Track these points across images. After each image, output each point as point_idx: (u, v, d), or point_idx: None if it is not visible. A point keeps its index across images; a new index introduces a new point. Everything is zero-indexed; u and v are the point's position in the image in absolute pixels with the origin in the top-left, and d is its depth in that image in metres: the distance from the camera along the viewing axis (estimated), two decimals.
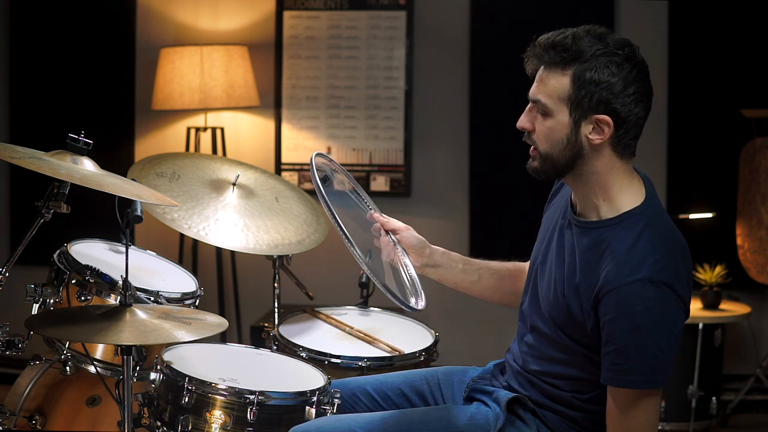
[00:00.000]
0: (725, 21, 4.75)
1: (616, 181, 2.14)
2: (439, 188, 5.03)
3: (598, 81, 2.03)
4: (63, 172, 2.25)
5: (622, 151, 2.13)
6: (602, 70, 2.03)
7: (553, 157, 2.10)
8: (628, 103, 2.06)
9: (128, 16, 5.08)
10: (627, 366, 2.00)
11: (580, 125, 2.07)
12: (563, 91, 2.06)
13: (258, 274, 4.75)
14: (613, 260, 2.04)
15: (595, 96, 2.04)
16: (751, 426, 4.62)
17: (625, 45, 2.07)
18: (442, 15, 4.97)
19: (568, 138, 2.08)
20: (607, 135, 2.08)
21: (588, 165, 2.11)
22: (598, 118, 2.06)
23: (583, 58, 2.04)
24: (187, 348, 2.49)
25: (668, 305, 2.01)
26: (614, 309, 2.00)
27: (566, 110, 2.07)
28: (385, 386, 2.46)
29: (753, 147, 4.53)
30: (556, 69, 2.07)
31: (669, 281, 2.02)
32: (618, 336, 2.00)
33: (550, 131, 2.09)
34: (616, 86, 2.04)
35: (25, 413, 2.69)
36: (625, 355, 2.00)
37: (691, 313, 4.31)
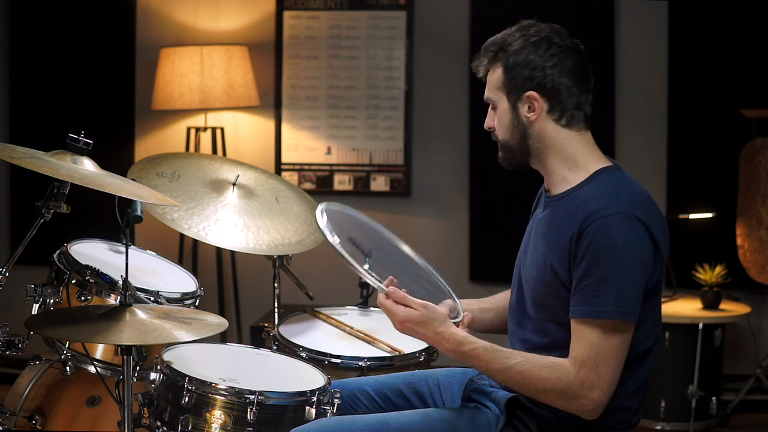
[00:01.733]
0: (725, 21, 4.75)
1: (575, 150, 2.26)
2: (439, 188, 5.03)
3: (520, 62, 2.22)
4: (63, 172, 2.25)
5: (566, 121, 2.25)
6: (521, 52, 2.23)
7: (509, 143, 2.29)
8: (550, 74, 2.21)
9: (128, 16, 5.08)
10: (604, 298, 2.06)
11: (517, 107, 2.25)
12: (499, 81, 2.27)
13: (258, 274, 4.76)
14: (594, 199, 2.15)
15: (520, 76, 2.22)
16: (751, 426, 4.62)
17: (545, 28, 2.28)
18: (442, 15, 4.97)
19: (512, 121, 2.26)
20: (541, 109, 2.23)
21: (540, 142, 2.25)
22: (528, 96, 2.23)
23: (507, 48, 2.25)
24: (187, 348, 2.49)
25: (645, 243, 2.10)
26: (595, 240, 2.09)
27: (504, 97, 2.26)
28: (385, 387, 2.47)
29: (753, 147, 4.53)
30: (492, 65, 2.28)
31: (646, 221, 2.11)
32: (597, 267, 2.08)
33: (499, 121, 2.29)
34: (534, 62, 2.21)
35: (25, 413, 2.69)
36: (604, 287, 2.07)
37: (691, 313, 4.36)
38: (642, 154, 4.91)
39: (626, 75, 4.87)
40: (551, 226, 2.22)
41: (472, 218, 4.95)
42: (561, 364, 2.11)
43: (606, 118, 4.87)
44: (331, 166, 5.03)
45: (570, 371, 2.10)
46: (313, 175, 5.04)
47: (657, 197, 4.85)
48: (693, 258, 4.61)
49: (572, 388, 2.09)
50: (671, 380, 4.36)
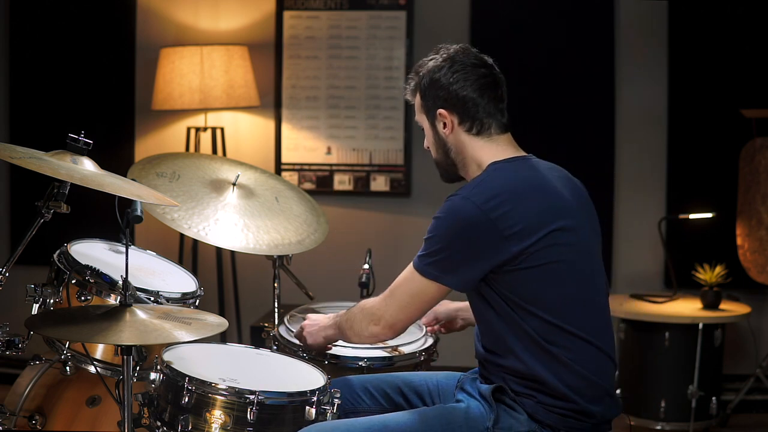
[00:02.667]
0: (725, 21, 4.75)
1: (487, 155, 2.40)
2: (439, 188, 4.98)
3: (430, 83, 2.40)
4: (63, 172, 2.25)
5: (476, 130, 2.39)
6: (429, 74, 2.41)
7: (437, 160, 2.49)
8: (454, 90, 2.37)
9: (128, 16, 5.09)
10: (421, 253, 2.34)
11: (435, 125, 2.43)
12: (419, 104, 2.46)
13: (258, 274, 4.76)
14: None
15: (431, 96, 2.41)
16: (751, 426, 4.62)
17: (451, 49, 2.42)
18: (442, 15, 4.97)
19: (435, 139, 2.45)
20: (452, 123, 2.40)
21: (459, 153, 2.42)
22: (439, 113, 2.40)
23: (420, 73, 2.44)
24: (187, 348, 2.49)
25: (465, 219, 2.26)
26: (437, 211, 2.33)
27: (425, 118, 2.46)
28: (386, 384, 2.52)
29: (753, 147, 4.53)
30: (415, 91, 2.47)
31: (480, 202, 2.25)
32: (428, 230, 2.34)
33: (427, 141, 2.49)
34: (440, 82, 2.38)
35: (25, 413, 2.69)
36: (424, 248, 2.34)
37: (691, 313, 4.36)
38: (642, 154, 4.91)
39: (626, 75, 4.87)
40: None
41: None
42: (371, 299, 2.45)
43: (606, 118, 4.87)
44: (331, 166, 5.03)
45: (375, 299, 2.42)
46: (313, 175, 5.04)
47: (657, 197, 4.90)
48: (693, 258, 4.61)
49: (371, 312, 2.40)
50: (671, 380, 4.35)
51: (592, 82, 4.85)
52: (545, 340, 2.24)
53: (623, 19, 4.86)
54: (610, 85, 4.87)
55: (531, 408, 2.25)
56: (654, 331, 4.35)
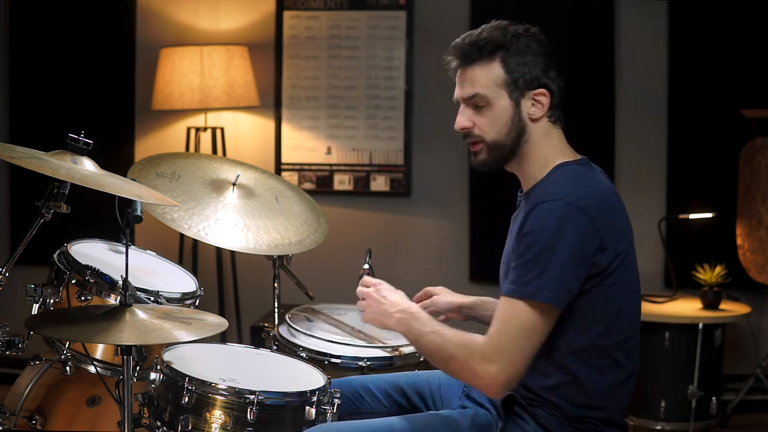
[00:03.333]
0: (725, 21, 4.75)
1: (551, 148, 2.27)
2: (439, 188, 5.03)
3: (525, 61, 2.23)
4: (63, 172, 2.25)
5: (554, 119, 2.28)
6: (525, 50, 2.24)
7: (501, 143, 2.24)
8: (552, 76, 2.26)
9: (128, 16, 5.08)
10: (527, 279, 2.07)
11: (521, 104, 2.24)
12: (498, 78, 2.23)
13: (258, 274, 4.76)
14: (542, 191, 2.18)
15: (528, 74, 2.23)
16: (751, 426, 4.62)
17: (529, 28, 2.30)
18: (442, 15, 4.97)
19: (512, 119, 2.23)
20: (546, 106, 2.25)
21: (529, 141, 2.25)
22: (535, 93, 2.24)
23: (504, 46, 2.24)
24: (187, 348, 2.49)
25: (579, 229, 2.10)
26: (532, 225, 2.10)
27: (505, 94, 2.23)
28: (388, 385, 2.50)
29: (753, 147, 4.53)
30: (483, 62, 2.25)
31: (586, 208, 2.11)
32: (527, 250, 2.09)
33: (493, 119, 2.24)
34: (540, 62, 2.24)
35: (25, 413, 2.69)
36: (528, 268, 2.08)
37: (691, 313, 4.36)
38: (642, 154, 4.91)
39: (626, 75, 4.87)
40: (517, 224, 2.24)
41: (472, 218, 4.95)
42: (472, 335, 2.14)
43: (606, 118, 4.87)
44: (331, 166, 5.03)
45: (477, 342, 2.11)
46: (313, 175, 5.04)
47: (657, 197, 4.90)
48: (693, 258, 4.61)
49: (475, 361, 2.09)
50: (671, 380, 4.35)
51: (592, 82, 4.85)
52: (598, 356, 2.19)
53: (623, 19, 4.86)
54: (610, 85, 4.86)
55: (543, 418, 2.21)
56: (654, 331, 4.35)
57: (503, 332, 2.09)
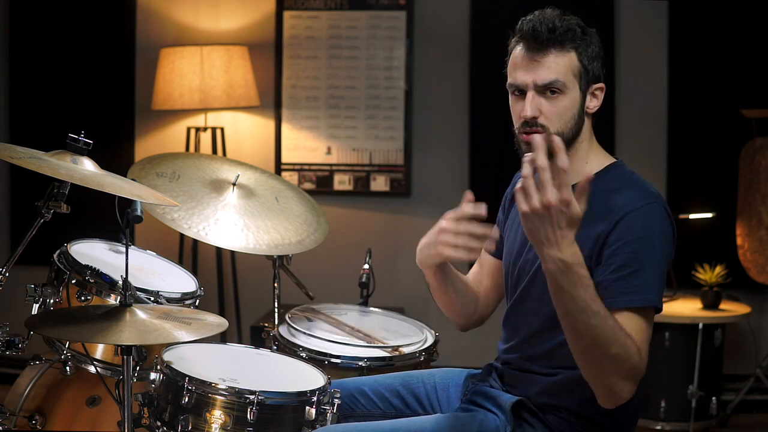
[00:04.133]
0: (725, 21, 4.75)
1: (593, 144, 2.27)
2: (439, 188, 5.03)
3: (595, 55, 2.20)
4: (63, 172, 2.25)
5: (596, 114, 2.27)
6: (596, 44, 2.21)
7: (566, 134, 2.17)
8: (601, 69, 2.23)
9: (128, 16, 5.09)
10: (647, 286, 2.03)
11: (586, 97, 2.21)
12: (575, 67, 2.17)
13: (258, 274, 4.76)
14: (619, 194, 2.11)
15: (596, 68, 2.20)
16: (751, 426, 4.62)
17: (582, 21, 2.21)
18: (442, 15, 4.97)
19: (578, 111, 2.19)
20: (600, 101, 2.23)
21: (581, 134, 2.23)
22: (597, 87, 2.22)
23: (578, 36, 2.17)
24: (187, 348, 2.49)
25: (671, 231, 2.13)
26: (633, 231, 2.05)
27: (577, 85, 2.18)
28: (383, 387, 2.48)
29: (753, 147, 4.53)
30: (561, 50, 2.16)
31: (670, 213, 2.14)
32: (637, 257, 2.04)
33: (564, 109, 2.17)
34: (601, 56, 2.22)
35: (25, 413, 2.69)
36: (645, 275, 2.03)
37: (691, 313, 4.36)
38: (642, 154, 4.90)
39: (626, 75, 4.87)
40: None
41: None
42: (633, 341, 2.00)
43: (606, 117, 4.87)
44: (331, 166, 5.03)
45: (637, 353, 2.00)
46: (313, 175, 5.04)
47: None
48: (693, 258, 4.61)
49: (635, 371, 2.00)
50: (671, 380, 4.35)
51: None
52: None
53: (623, 19, 4.86)
54: (611, 84, 4.86)
55: (556, 424, 2.20)
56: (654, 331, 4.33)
57: (646, 344, 2.03)
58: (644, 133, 4.90)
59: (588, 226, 2.04)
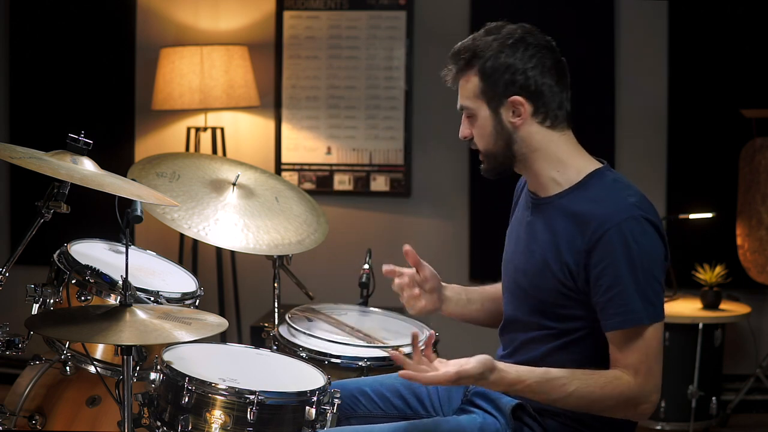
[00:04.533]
0: (725, 21, 4.75)
1: (561, 150, 2.21)
2: (439, 188, 5.03)
3: (498, 67, 2.17)
4: (63, 172, 2.25)
5: (551, 122, 2.20)
6: (498, 56, 2.18)
7: (493, 152, 2.23)
8: (532, 76, 2.17)
9: (128, 16, 5.09)
10: (636, 305, 2.04)
11: (500, 113, 2.19)
12: (476, 88, 2.20)
13: (258, 274, 4.75)
14: (599, 207, 2.11)
15: (501, 81, 2.17)
16: (751, 426, 4.62)
17: (518, 29, 2.24)
18: (442, 15, 4.97)
19: (495, 128, 2.20)
20: (527, 112, 2.18)
21: (525, 146, 2.20)
22: (512, 101, 2.17)
23: (481, 54, 2.19)
24: (187, 348, 2.49)
25: (656, 241, 2.10)
26: (613, 249, 2.06)
27: (484, 104, 2.20)
28: (383, 387, 2.47)
29: (753, 147, 4.53)
30: (466, 72, 2.22)
31: (653, 220, 2.11)
32: (620, 276, 2.05)
33: (481, 129, 2.23)
34: (515, 65, 2.17)
35: (25, 413, 2.69)
36: (631, 294, 2.05)
37: (691, 313, 4.36)
38: (642, 154, 4.91)
39: (626, 75, 4.87)
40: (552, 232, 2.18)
41: (472, 218, 4.95)
42: (619, 377, 2.07)
43: (606, 118, 4.87)
44: (331, 166, 5.03)
45: (630, 381, 2.06)
46: (313, 175, 5.04)
47: (657, 197, 4.90)
48: (693, 258, 4.61)
49: (636, 397, 2.07)
50: (671, 380, 4.35)
51: (592, 82, 4.85)
52: None
53: (623, 19, 4.86)
54: (610, 84, 4.87)
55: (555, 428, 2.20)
56: None
57: (648, 361, 2.06)
58: (644, 133, 4.90)
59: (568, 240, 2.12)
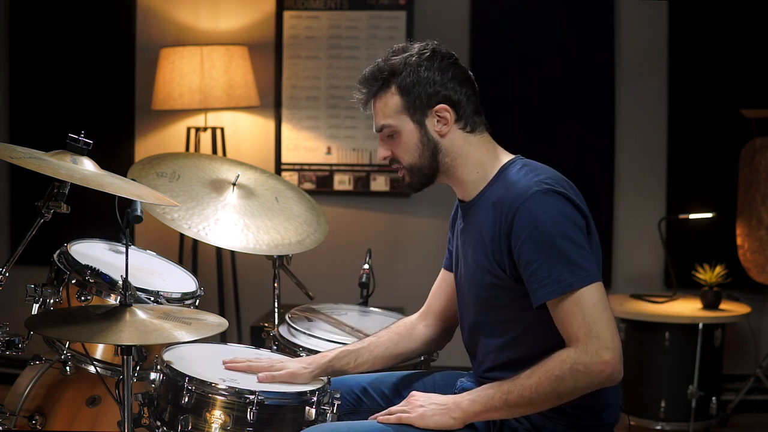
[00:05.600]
0: (725, 21, 4.75)
1: (481, 154, 2.30)
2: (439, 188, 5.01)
3: (419, 81, 2.27)
4: (63, 172, 2.25)
5: (471, 128, 2.30)
6: (418, 70, 2.27)
7: (418, 164, 2.30)
8: (453, 87, 2.27)
9: (128, 16, 5.09)
10: (558, 273, 2.07)
11: (424, 124, 2.28)
12: (397, 105, 2.28)
13: (258, 274, 4.76)
14: (509, 190, 2.18)
15: (423, 94, 2.26)
16: (751, 426, 4.62)
17: (426, 44, 2.33)
18: (442, 15, 4.97)
19: (421, 140, 2.28)
20: (451, 119, 2.27)
21: (449, 155, 2.29)
22: (436, 110, 2.27)
23: (398, 71, 2.29)
24: (187, 348, 2.49)
25: (565, 207, 2.13)
26: (525, 225, 2.11)
27: (408, 119, 2.28)
28: (383, 385, 2.50)
29: (753, 147, 4.53)
30: (383, 92, 2.30)
31: (560, 190, 2.14)
32: (538, 249, 2.08)
33: (404, 144, 2.30)
34: (434, 78, 2.27)
35: (25, 413, 2.69)
36: (553, 264, 2.07)
37: (691, 313, 4.36)
38: (642, 154, 4.91)
39: (626, 75, 4.87)
40: (479, 230, 2.24)
41: None
42: (557, 355, 2.08)
43: (606, 118, 4.87)
44: (331, 166, 5.03)
45: (568, 353, 2.06)
46: (313, 175, 5.04)
47: (657, 197, 4.90)
48: (693, 258, 4.61)
49: (582, 364, 2.04)
50: (671, 380, 4.35)
51: (592, 82, 4.85)
52: None
53: (623, 19, 4.86)
54: (610, 84, 4.87)
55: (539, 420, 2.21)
56: (654, 331, 4.35)
57: (588, 325, 2.05)
58: (644, 133, 4.90)
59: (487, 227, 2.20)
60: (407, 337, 2.57)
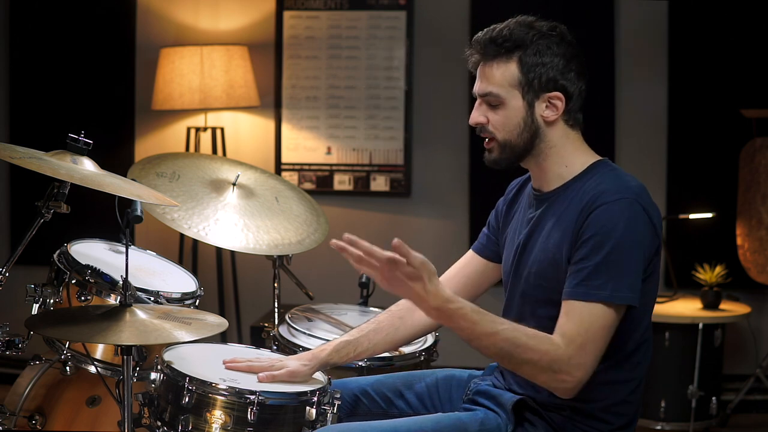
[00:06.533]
0: (725, 21, 4.75)
1: (573, 148, 2.26)
2: (439, 188, 5.03)
3: (543, 62, 2.18)
4: (63, 172, 2.25)
5: (572, 123, 2.24)
6: (545, 51, 2.19)
7: (513, 143, 2.22)
8: (571, 78, 2.21)
9: (128, 16, 5.09)
10: (602, 281, 2.05)
11: (534, 106, 2.20)
12: (513, 78, 2.19)
13: (258, 274, 4.76)
14: (597, 187, 2.14)
15: (544, 76, 2.18)
16: (751, 426, 4.62)
17: (556, 26, 2.25)
18: (442, 15, 4.97)
19: (525, 120, 2.21)
20: (561, 110, 2.21)
21: (545, 142, 2.22)
22: (550, 96, 2.19)
23: (524, 45, 2.19)
24: (187, 348, 2.49)
25: (646, 228, 2.10)
26: (599, 224, 2.08)
27: (519, 95, 2.20)
28: (384, 387, 2.48)
29: (753, 147, 4.53)
30: (500, 60, 2.21)
31: (647, 208, 2.11)
32: (598, 251, 2.06)
33: (505, 119, 2.21)
34: (559, 64, 2.19)
35: (25, 413, 2.69)
36: (602, 270, 2.05)
37: (691, 313, 4.36)
38: (642, 154, 4.91)
39: (626, 75, 4.87)
40: (558, 219, 2.19)
41: (472, 218, 4.95)
42: (549, 337, 2.06)
43: (606, 118, 4.87)
44: (331, 166, 5.04)
45: (559, 345, 2.05)
46: (313, 175, 5.04)
47: (657, 197, 4.88)
48: (693, 258, 4.61)
49: (558, 363, 2.05)
50: (671, 380, 4.35)
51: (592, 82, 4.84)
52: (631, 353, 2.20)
53: (623, 19, 4.86)
54: (610, 84, 4.87)
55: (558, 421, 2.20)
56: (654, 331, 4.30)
57: (586, 336, 2.04)
58: (644, 133, 4.90)
59: (566, 221, 2.16)
60: (408, 320, 2.51)
